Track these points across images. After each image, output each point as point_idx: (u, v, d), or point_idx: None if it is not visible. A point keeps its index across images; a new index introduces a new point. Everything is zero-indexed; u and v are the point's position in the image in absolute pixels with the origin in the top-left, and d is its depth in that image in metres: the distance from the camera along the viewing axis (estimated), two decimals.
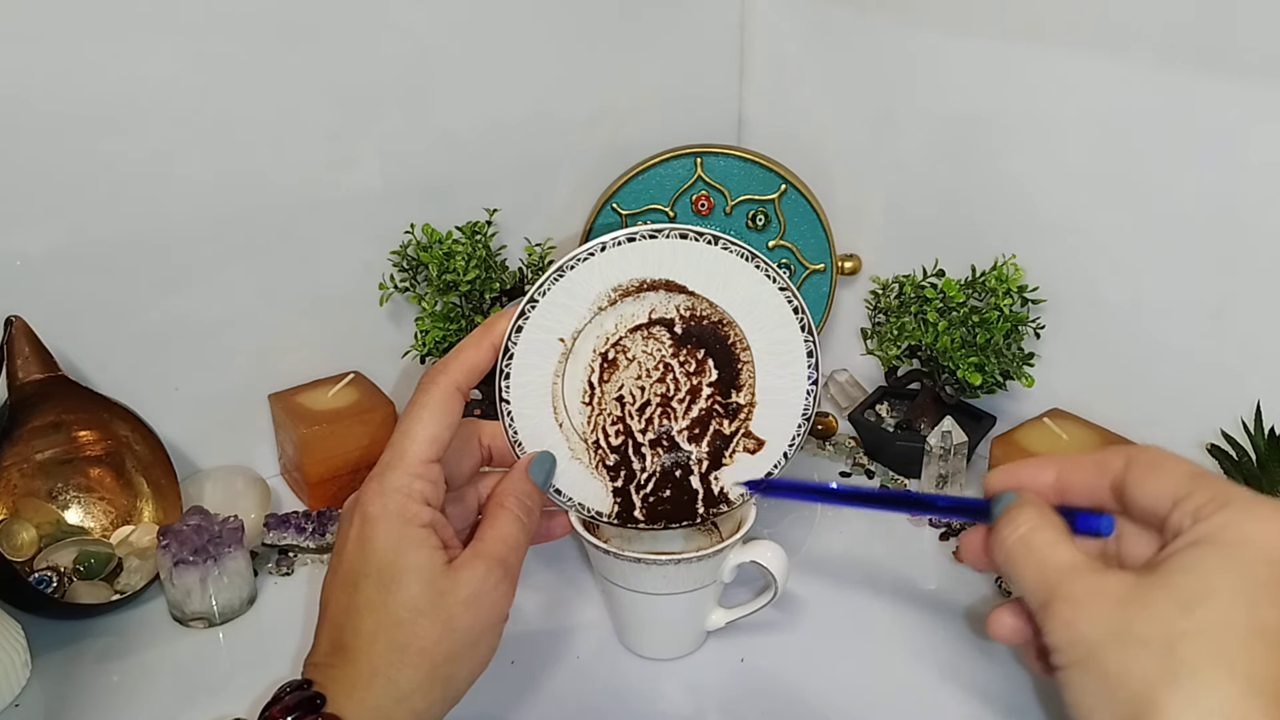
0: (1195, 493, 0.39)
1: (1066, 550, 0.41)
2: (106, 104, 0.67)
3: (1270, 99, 0.60)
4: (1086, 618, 0.38)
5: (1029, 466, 0.46)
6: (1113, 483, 0.43)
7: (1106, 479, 0.44)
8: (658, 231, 0.51)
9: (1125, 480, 0.43)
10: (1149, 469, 0.42)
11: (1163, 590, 0.37)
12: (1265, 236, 0.63)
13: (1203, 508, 0.39)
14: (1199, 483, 0.40)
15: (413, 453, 0.48)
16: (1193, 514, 0.39)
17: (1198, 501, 0.39)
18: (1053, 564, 0.40)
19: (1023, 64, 0.72)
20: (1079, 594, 0.39)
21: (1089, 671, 0.37)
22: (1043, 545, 0.41)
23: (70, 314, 0.70)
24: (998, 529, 0.43)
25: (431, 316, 0.76)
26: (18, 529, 0.67)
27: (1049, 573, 0.40)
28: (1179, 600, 0.36)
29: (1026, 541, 0.42)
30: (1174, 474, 0.41)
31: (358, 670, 0.45)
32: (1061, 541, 0.41)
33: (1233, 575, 0.36)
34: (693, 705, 0.60)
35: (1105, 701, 0.37)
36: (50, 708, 0.60)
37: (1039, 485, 0.45)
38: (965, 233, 0.79)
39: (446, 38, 0.78)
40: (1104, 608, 0.38)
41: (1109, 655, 0.37)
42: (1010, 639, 0.45)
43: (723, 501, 0.57)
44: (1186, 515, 0.39)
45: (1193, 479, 0.40)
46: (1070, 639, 0.38)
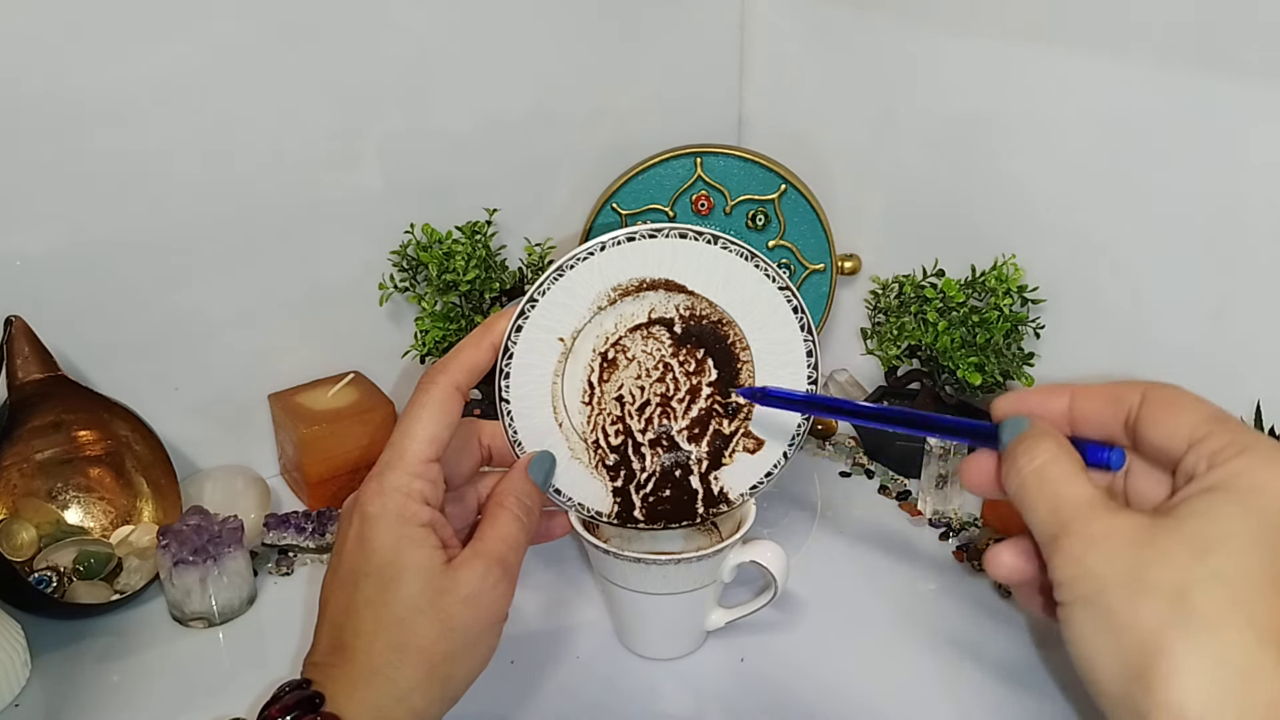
0: (1213, 435, 0.38)
1: (1082, 486, 0.39)
2: (106, 104, 0.67)
3: (1270, 99, 0.60)
4: (1097, 555, 0.37)
5: (1041, 393, 0.44)
6: (1127, 417, 0.42)
7: (1121, 412, 0.42)
8: (657, 231, 0.51)
9: (1140, 416, 0.41)
10: (1166, 407, 0.40)
11: (1177, 535, 0.36)
12: (1265, 236, 0.62)
13: (1220, 452, 0.37)
14: (1217, 425, 0.38)
15: (412, 452, 0.48)
16: (1209, 458, 0.38)
17: (1215, 445, 0.38)
18: (1067, 498, 0.39)
19: (1023, 64, 0.72)
20: (1092, 531, 0.37)
21: (1095, 610, 0.36)
22: (1058, 478, 0.40)
23: (70, 314, 0.70)
24: (1014, 458, 0.41)
25: (431, 316, 0.76)
26: (18, 529, 0.67)
27: (1062, 507, 0.39)
28: (1193, 546, 0.35)
29: (1042, 473, 0.40)
30: (1192, 414, 0.39)
31: (357, 669, 0.45)
32: (1078, 476, 0.40)
33: (1250, 523, 0.35)
34: (692, 705, 0.60)
35: (1109, 643, 0.36)
36: (50, 708, 0.60)
37: (1050, 412, 0.44)
38: (965, 233, 0.79)
39: (446, 38, 0.78)
40: (1116, 547, 0.37)
41: (1118, 596, 0.36)
42: (1008, 577, 0.44)
43: (723, 501, 0.57)
44: (1202, 459, 0.38)
45: (1211, 421, 0.39)
46: (1078, 574, 0.37)
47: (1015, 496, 0.41)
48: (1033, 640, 0.63)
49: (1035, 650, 0.62)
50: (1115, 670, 0.35)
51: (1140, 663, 0.34)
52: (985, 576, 0.69)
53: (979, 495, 0.45)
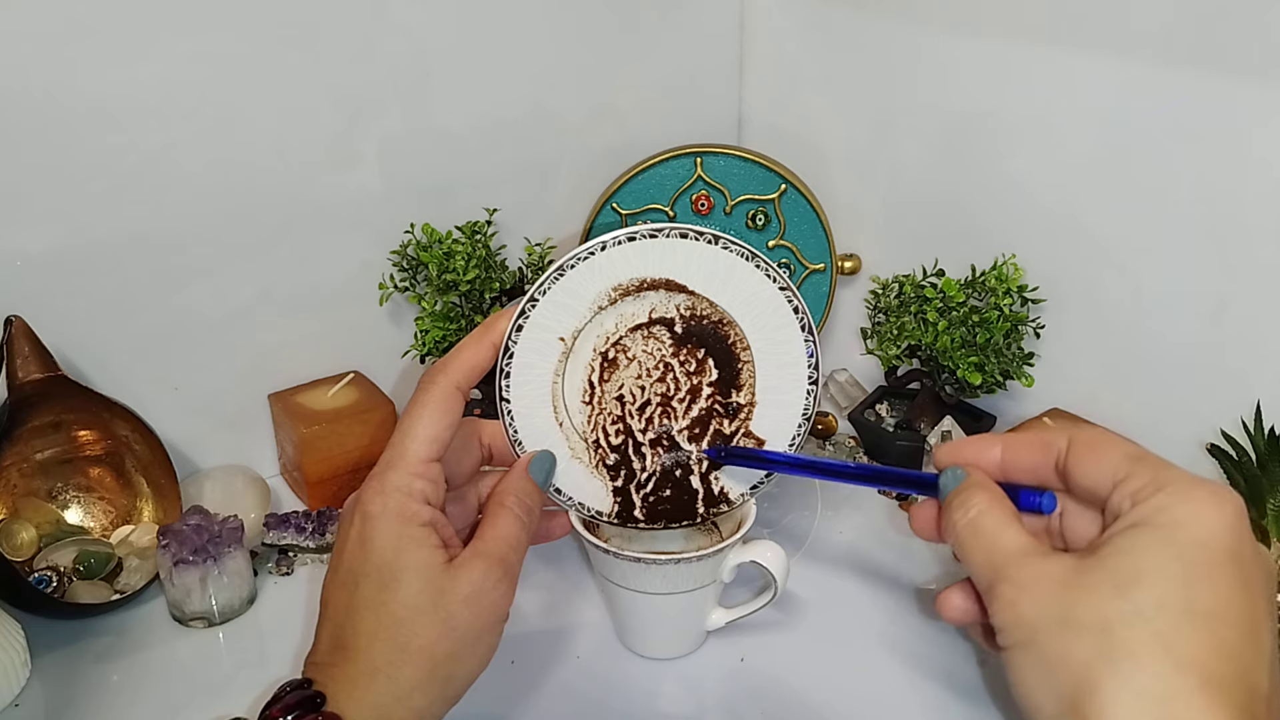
0: (1134, 475, 0.40)
1: (1014, 534, 0.41)
2: (106, 103, 0.67)
3: (1270, 98, 0.60)
4: (1029, 600, 0.39)
5: (975, 443, 0.47)
6: (1056, 462, 0.44)
7: (1050, 458, 0.44)
8: (658, 231, 0.51)
9: (1067, 460, 0.43)
10: (1089, 450, 0.42)
11: (1100, 573, 0.38)
12: (1265, 236, 0.62)
13: (1140, 490, 0.39)
14: (1137, 465, 0.40)
15: (413, 452, 0.48)
16: (1131, 496, 0.40)
17: (1136, 484, 0.40)
18: (1000, 548, 0.41)
19: (1023, 64, 0.72)
20: (1023, 578, 0.39)
21: (1031, 653, 0.38)
22: (991, 529, 0.42)
23: (70, 314, 0.70)
24: (950, 511, 0.44)
25: (431, 316, 0.76)
26: (18, 529, 0.67)
27: (996, 556, 0.41)
28: (1115, 583, 0.37)
29: (975, 525, 0.42)
30: (1113, 455, 0.41)
31: (358, 669, 0.45)
32: (1009, 525, 0.42)
33: (1167, 557, 0.37)
34: (693, 705, 0.59)
35: (1045, 682, 0.37)
36: (50, 708, 0.60)
37: (985, 462, 0.46)
38: (965, 232, 0.79)
39: (446, 37, 0.78)
40: (1045, 591, 0.38)
41: (1049, 637, 0.38)
42: (959, 619, 0.46)
43: (723, 501, 0.57)
44: (1125, 497, 0.40)
45: (1131, 461, 0.41)
46: (1013, 620, 0.39)
47: (954, 547, 0.43)
48: None
49: None
50: (1052, 708, 0.37)
51: (1073, 698, 0.36)
52: None
53: (928, 541, 0.49)
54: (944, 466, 0.46)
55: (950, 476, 0.45)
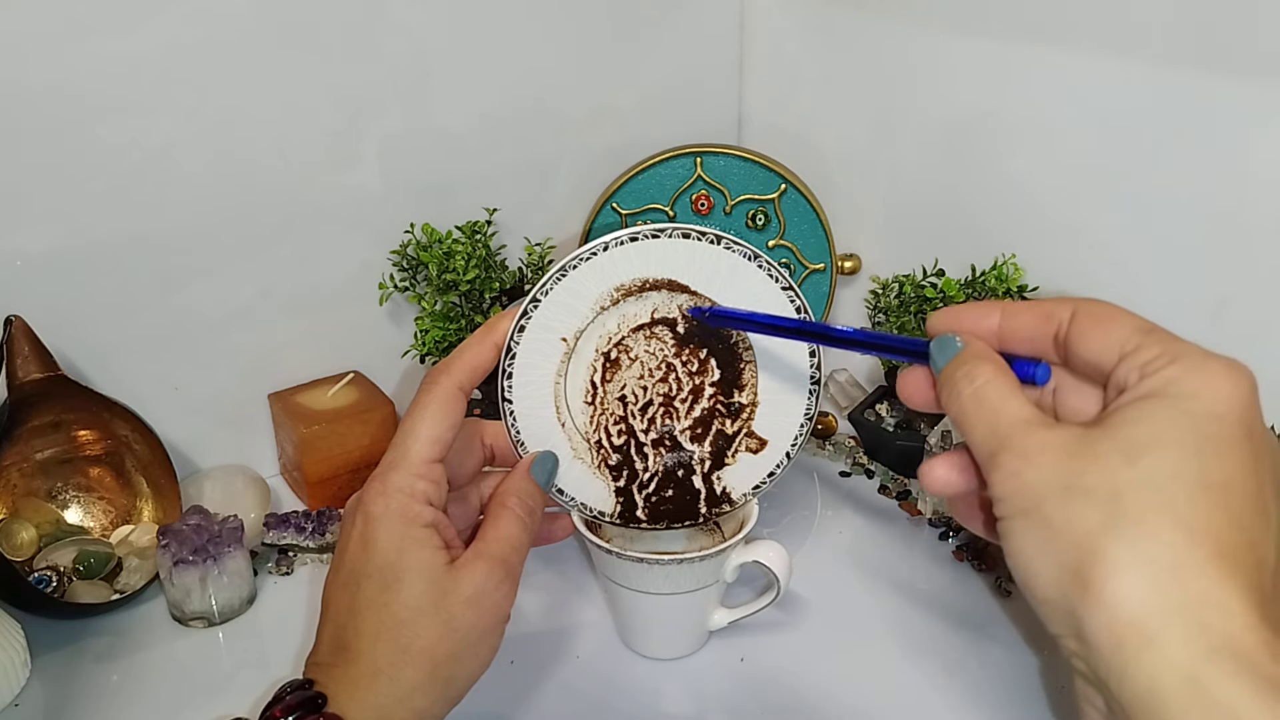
0: (1144, 347, 0.39)
1: (1019, 404, 0.40)
2: (106, 103, 0.67)
3: (1270, 98, 0.60)
4: (1033, 468, 0.37)
5: (973, 310, 0.45)
6: (1057, 333, 0.42)
7: (1050, 328, 0.42)
8: (660, 231, 0.51)
9: (1070, 332, 0.41)
10: (1096, 321, 0.41)
11: (1109, 442, 0.37)
12: (1265, 236, 0.63)
13: (1151, 362, 0.38)
14: (1148, 337, 0.39)
15: (415, 452, 0.48)
16: (1140, 368, 0.38)
17: (1146, 356, 0.38)
18: (1004, 417, 0.40)
19: (1023, 64, 0.72)
20: (1028, 446, 0.38)
21: (1032, 521, 0.37)
22: (995, 398, 0.40)
23: (70, 314, 0.70)
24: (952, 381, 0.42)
25: (431, 316, 0.76)
26: (17, 528, 0.67)
27: (1000, 425, 0.39)
28: (1125, 451, 0.36)
29: (980, 395, 0.41)
30: (1122, 327, 0.40)
31: (359, 670, 0.45)
32: (1015, 395, 0.40)
33: (1180, 428, 0.36)
34: (694, 705, 0.60)
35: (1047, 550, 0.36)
36: (50, 708, 0.60)
37: (982, 329, 0.44)
38: (965, 232, 0.79)
39: (446, 37, 0.78)
40: (1051, 458, 0.37)
41: (1053, 505, 0.36)
42: (943, 489, 0.44)
43: (725, 501, 0.57)
44: (1134, 370, 0.38)
45: (1141, 333, 0.39)
46: (1016, 488, 0.38)
47: (955, 418, 0.42)
48: (1025, 639, 0.63)
49: (1034, 651, 0.62)
50: (1053, 576, 0.36)
51: (1077, 566, 0.35)
52: (986, 577, 0.69)
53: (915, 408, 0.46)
54: (939, 333, 0.44)
55: (944, 344, 0.43)
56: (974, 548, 0.71)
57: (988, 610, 0.66)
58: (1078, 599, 0.35)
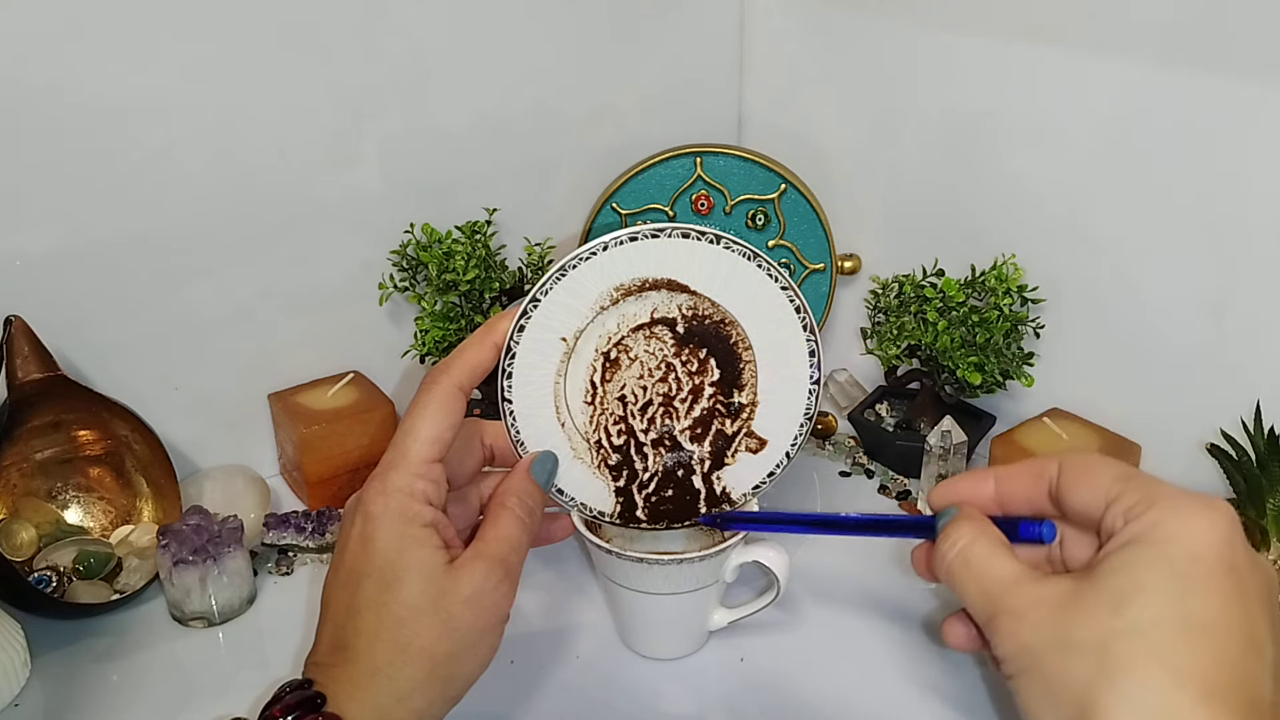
0: (1125, 494, 0.40)
1: (1004, 562, 0.42)
2: (106, 103, 0.67)
3: (1270, 98, 0.60)
4: (1028, 627, 0.39)
5: (967, 480, 0.47)
6: (1049, 489, 0.44)
7: (1043, 486, 0.44)
8: (660, 231, 0.51)
9: (1059, 486, 0.43)
10: (1080, 473, 0.43)
11: (1096, 592, 0.38)
12: (1265, 236, 0.63)
13: (1133, 508, 0.40)
14: (1128, 484, 0.41)
15: (415, 452, 0.48)
16: (1124, 514, 0.40)
17: (1128, 502, 0.40)
18: (992, 577, 0.41)
19: (1023, 64, 0.72)
20: (1019, 605, 0.40)
21: (1033, 678, 0.39)
22: (981, 559, 0.42)
23: (70, 314, 0.70)
24: (937, 546, 0.44)
25: (431, 316, 0.76)
26: (17, 529, 0.67)
27: (990, 586, 0.41)
28: (1110, 600, 0.37)
29: (964, 557, 0.43)
30: (1104, 477, 0.42)
31: (359, 669, 0.45)
32: (999, 554, 0.42)
33: (1160, 572, 0.37)
34: (694, 705, 0.59)
35: (1050, 706, 0.38)
36: (50, 708, 0.60)
37: (979, 498, 0.46)
38: (965, 232, 0.79)
39: (446, 37, 0.78)
40: (1043, 615, 0.39)
41: (1050, 661, 0.38)
42: (965, 646, 0.46)
43: (725, 501, 0.57)
44: (1118, 516, 0.40)
45: (1121, 480, 0.41)
46: (1015, 649, 0.39)
47: (947, 583, 0.44)
48: None
49: None
50: None
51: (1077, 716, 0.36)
52: None
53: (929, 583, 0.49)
54: (939, 508, 0.47)
55: (944, 516, 0.45)
56: None
57: None
58: None
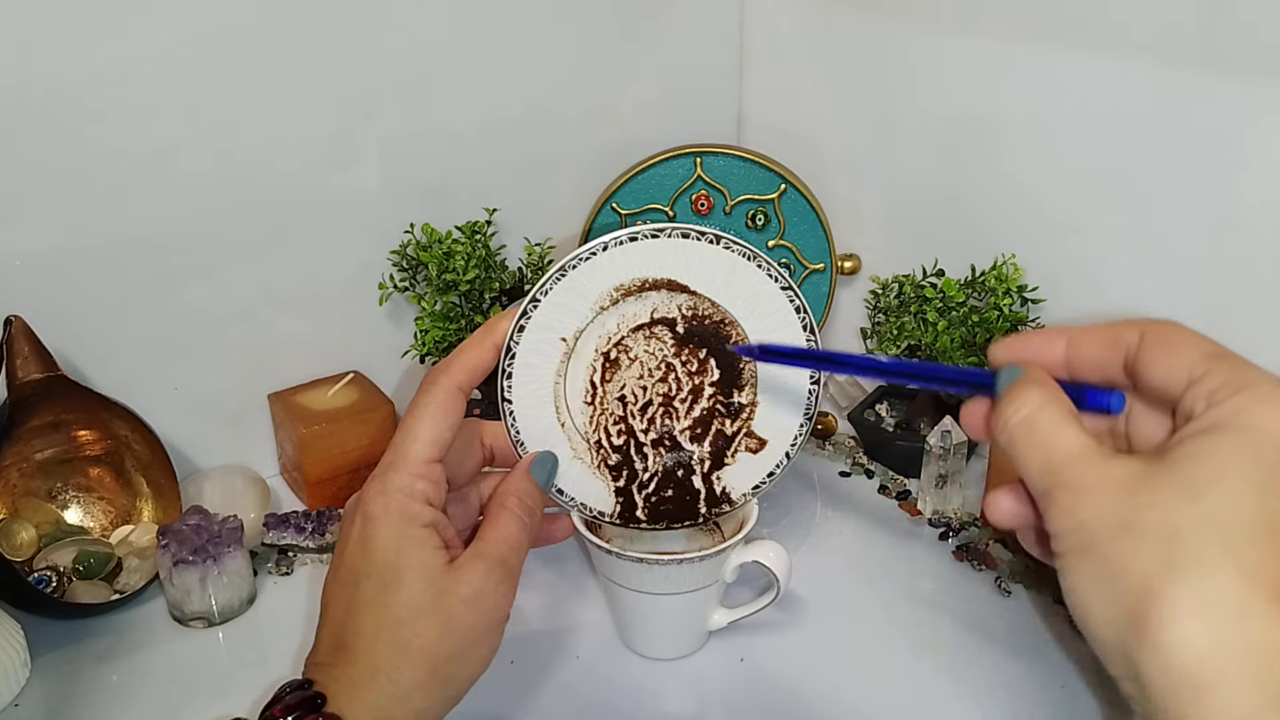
0: (1211, 374, 0.37)
1: (1072, 434, 0.38)
2: (106, 103, 0.67)
3: (1270, 98, 0.60)
4: (1089, 505, 0.36)
5: (1037, 338, 0.43)
6: (1126, 358, 0.40)
7: (1120, 354, 0.40)
8: (660, 231, 0.51)
9: (1138, 357, 0.40)
10: (1164, 346, 0.39)
11: (1169, 478, 0.35)
12: (1265, 236, 0.63)
13: (1217, 391, 0.36)
14: (1216, 364, 0.37)
15: (415, 453, 0.47)
16: (1206, 397, 0.36)
17: (1213, 384, 0.36)
18: (1058, 448, 0.38)
19: (1023, 64, 0.72)
20: (1083, 481, 0.36)
21: (1089, 559, 0.36)
22: (1047, 428, 0.38)
23: (70, 314, 0.70)
24: (1000, 408, 0.40)
25: (431, 316, 0.76)
26: (17, 529, 0.67)
27: (1053, 457, 0.38)
28: (1185, 488, 0.34)
29: (1030, 423, 0.39)
30: (1190, 353, 0.38)
31: (359, 670, 0.45)
32: (1067, 424, 0.38)
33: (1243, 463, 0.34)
34: (694, 705, 0.60)
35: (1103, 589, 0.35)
36: (50, 708, 0.60)
37: (1047, 359, 0.42)
38: (965, 232, 0.79)
39: (446, 37, 0.78)
40: (1107, 495, 0.36)
41: (1110, 543, 0.35)
42: (1008, 522, 0.43)
43: (725, 501, 0.57)
44: (1200, 398, 0.37)
45: (1210, 359, 0.37)
46: (1071, 526, 0.36)
47: (1007, 448, 0.40)
48: (1025, 639, 0.63)
49: (1035, 650, 0.62)
50: (1109, 617, 0.35)
51: (1133, 608, 0.34)
52: (986, 576, 0.69)
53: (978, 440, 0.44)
54: (1001, 363, 0.42)
55: (1007, 374, 0.41)
56: (973, 548, 0.71)
57: (987, 610, 0.66)
58: (1134, 642, 0.33)
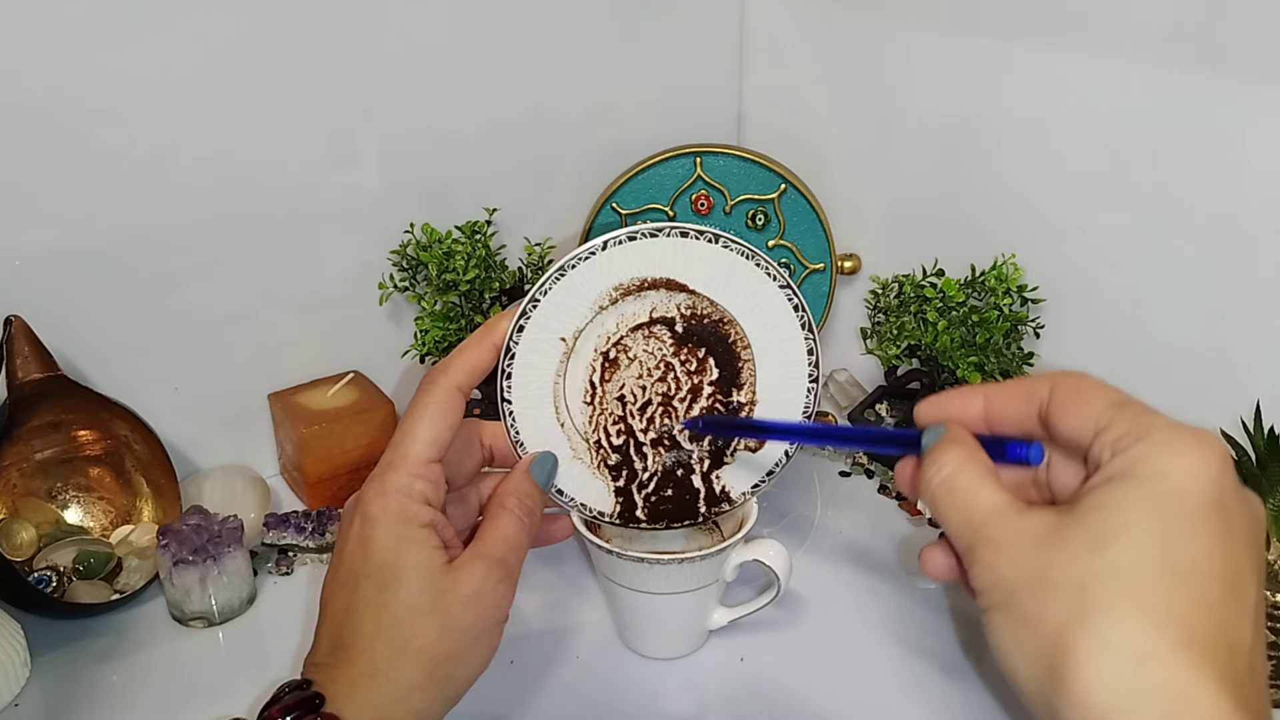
0: (1115, 423, 0.38)
1: (989, 491, 0.39)
2: (106, 103, 0.67)
3: (1270, 98, 0.60)
4: (1007, 561, 0.37)
5: (957, 397, 0.44)
6: (1039, 411, 0.42)
7: (1033, 407, 0.42)
8: (659, 230, 0.51)
9: (1049, 409, 0.41)
10: (1071, 397, 0.40)
11: (1077, 529, 0.36)
12: (1265, 236, 0.63)
13: (1121, 439, 0.37)
14: (1120, 413, 0.38)
15: (414, 453, 0.48)
16: (1111, 445, 0.38)
17: (1117, 433, 0.38)
18: (976, 506, 0.39)
19: (1023, 64, 0.72)
20: (1000, 538, 0.38)
21: (1009, 614, 0.37)
22: (966, 487, 0.40)
23: (70, 314, 0.70)
24: (923, 469, 0.42)
25: (431, 316, 0.76)
26: (17, 529, 0.67)
27: (972, 516, 0.39)
28: (1092, 539, 0.36)
29: (950, 483, 0.40)
30: (1096, 403, 0.39)
31: (358, 670, 0.45)
32: (985, 481, 0.40)
33: (1146, 511, 0.35)
34: (694, 705, 0.59)
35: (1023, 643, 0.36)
36: (50, 708, 0.60)
37: (967, 416, 0.44)
38: (965, 232, 0.79)
39: (446, 37, 0.78)
40: (1023, 550, 0.37)
41: (1026, 598, 0.36)
42: (943, 576, 0.44)
43: (724, 500, 0.57)
44: (1105, 447, 0.38)
45: (1114, 408, 0.39)
46: (993, 582, 0.38)
47: (930, 508, 0.41)
48: None
49: None
50: (1031, 670, 0.36)
51: (1050, 659, 0.35)
52: None
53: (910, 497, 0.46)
54: (926, 424, 0.44)
55: (930, 434, 0.43)
56: None
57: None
58: (1053, 693, 0.34)
